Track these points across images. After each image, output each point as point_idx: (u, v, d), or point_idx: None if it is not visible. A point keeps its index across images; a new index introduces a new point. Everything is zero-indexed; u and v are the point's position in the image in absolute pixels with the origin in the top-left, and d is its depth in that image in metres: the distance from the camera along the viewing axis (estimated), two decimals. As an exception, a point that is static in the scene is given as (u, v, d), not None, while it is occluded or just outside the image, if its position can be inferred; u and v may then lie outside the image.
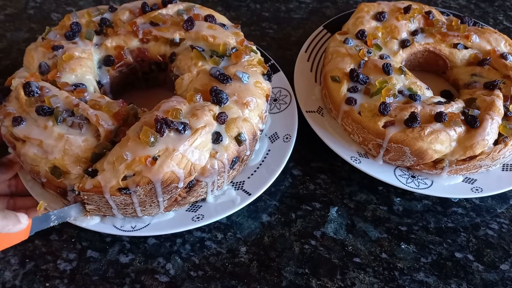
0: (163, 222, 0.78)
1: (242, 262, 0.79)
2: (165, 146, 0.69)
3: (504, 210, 0.89)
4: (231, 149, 0.77)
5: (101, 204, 0.73)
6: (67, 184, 0.71)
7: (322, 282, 0.78)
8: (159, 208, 0.77)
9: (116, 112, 0.75)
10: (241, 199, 0.81)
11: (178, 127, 0.70)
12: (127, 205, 0.73)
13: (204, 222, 0.77)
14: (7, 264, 0.77)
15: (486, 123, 0.82)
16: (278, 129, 0.92)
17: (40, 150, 0.71)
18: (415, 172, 0.89)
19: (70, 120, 0.72)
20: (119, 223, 0.77)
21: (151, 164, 0.68)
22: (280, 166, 0.85)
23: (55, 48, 0.83)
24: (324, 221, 0.86)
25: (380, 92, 0.87)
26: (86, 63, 0.84)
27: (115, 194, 0.70)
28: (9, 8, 1.26)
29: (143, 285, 0.76)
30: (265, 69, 0.88)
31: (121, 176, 0.68)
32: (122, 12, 0.92)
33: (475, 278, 0.79)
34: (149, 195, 0.72)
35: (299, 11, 1.32)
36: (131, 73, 0.94)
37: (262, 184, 0.83)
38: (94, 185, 0.69)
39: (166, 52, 0.90)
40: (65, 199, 0.75)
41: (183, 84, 0.84)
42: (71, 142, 0.70)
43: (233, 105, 0.79)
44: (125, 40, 0.89)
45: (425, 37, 1.01)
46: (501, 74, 0.95)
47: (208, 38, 0.87)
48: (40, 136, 0.71)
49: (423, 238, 0.84)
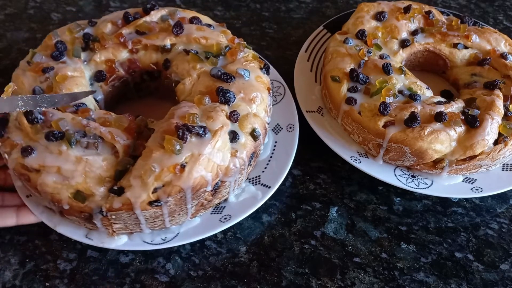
0: (192, 229, 0.78)
1: (242, 262, 0.79)
2: (190, 152, 0.69)
3: (504, 210, 0.89)
4: (248, 145, 0.77)
5: (129, 221, 0.72)
6: (93, 207, 0.68)
7: (322, 282, 0.78)
8: (187, 216, 0.76)
9: (127, 126, 0.73)
10: (262, 193, 0.82)
11: (198, 132, 0.70)
12: (156, 218, 0.72)
13: (232, 222, 0.78)
14: (7, 264, 0.77)
15: (486, 123, 0.82)
16: (280, 120, 0.93)
17: (59, 177, 0.68)
18: (415, 172, 0.89)
19: (85, 141, 0.69)
20: (149, 238, 0.76)
21: (180, 172, 0.68)
22: (291, 155, 0.86)
23: (45, 70, 0.79)
24: (324, 221, 0.86)
25: (380, 92, 0.87)
26: (81, 82, 0.81)
27: (145, 209, 0.68)
28: (9, 8, 1.26)
29: (143, 285, 0.76)
30: (261, 63, 0.88)
31: (151, 189, 0.67)
32: (104, 24, 0.88)
33: (475, 278, 0.79)
34: (178, 203, 0.71)
35: (299, 11, 1.32)
36: (123, 86, 0.91)
37: (278, 175, 0.84)
38: (123, 203, 0.67)
39: (159, 60, 0.89)
40: (90, 223, 0.72)
41: (185, 89, 0.83)
42: (91, 163, 0.68)
43: (241, 102, 0.79)
44: (113, 53, 0.86)
45: (425, 37, 1.01)
46: (501, 74, 0.95)
47: (200, 40, 0.86)
48: (57, 163, 0.68)
49: (423, 238, 0.84)
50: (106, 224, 0.72)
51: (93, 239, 0.75)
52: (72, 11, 1.27)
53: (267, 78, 0.87)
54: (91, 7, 1.28)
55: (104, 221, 0.71)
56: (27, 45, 1.16)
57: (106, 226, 0.73)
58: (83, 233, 0.75)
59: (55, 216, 0.76)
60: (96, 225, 0.72)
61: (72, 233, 0.75)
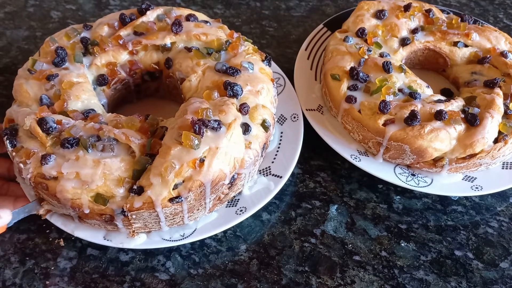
0: (210, 223, 0.78)
1: (242, 260, 0.79)
2: (208, 146, 0.69)
3: (504, 208, 0.90)
4: (260, 136, 0.78)
5: (149, 220, 0.72)
6: (114, 208, 0.69)
7: (322, 280, 0.78)
8: (205, 210, 0.77)
9: (141, 126, 0.74)
10: (275, 183, 0.83)
11: (214, 125, 0.71)
12: (176, 215, 0.73)
13: (248, 213, 0.79)
14: (7, 262, 0.77)
15: (486, 121, 0.82)
16: (283, 110, 0.94)
17: (78, 182, 0.68)
18: (415, 170, 0.89)
19: (100, 145, 0.69)
20: (167, 235, 0.77)
21: (199, 167, 0.68)
22: (299, 144, 0.88)
23: (50, 77, 0.78)
24: (324, 219, 0.86)
25: (380, 90, 0.87)
26: (86, 87, 0.80)
27: (166, 206, 0.69)
28: (9, 6, 1.26)
29: (143, 283, 0.76)
30: (262, 56, 0.89)
31: (171, 186, 0.68)
32: (100, 27, 0.88)
33: (475, 276, 0.80)
34: (198, 198, 0.72)
35: (299, 9, 1.32)
36: (124, 88, 0.92)
37: (288, 164, 0.85)
38: (144, 202, 0.68)
39: (160, 59, 0.89)
40: (111, 225, 0.73)
41: (192, 85, 0.83)
42: (109, 165, 0.68)
43: (248, 94, 0.80)
44: (114, 56, 0.86)
45: (425, 35, 1.01)
46: (501, 72, 0.95)
47: (200, 37, 0.87)
48: (75, 168, 0.67)
49: (422, 236, 0.84)
50: (126, 224, 0.72)
51: (112, 240, 0.75)
52: (71, 9, 1.26)
53: (269, 69, 0.88)
54: (90, 5, 1.28)
55: (124, 221, 0.71)
56: (27, 43, 1.16)
57: (127, 226, 0.73)
58: (102, 235, 0.76)
59: (72, 221, 0.76)
60: (118, 226, 0.72)
61: (91, 236, 0.75)
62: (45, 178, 0.69)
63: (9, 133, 0.73)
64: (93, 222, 0.73)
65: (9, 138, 0.73)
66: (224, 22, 1.11)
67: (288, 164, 0.85)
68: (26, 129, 0.72)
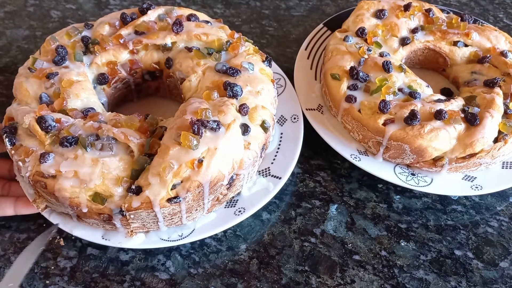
0: (208, 224, 0.78)
1: (242, 260, 0.79)
2: (206, 147, 0.69)
3: (504, 207, 0.90)
4: (260, 137, 0.78)
5: (147, 220, 0.72)
6: (113, 207, 0.69)
7: (321, 280, 0.78)
8: (203, 211, 0.76)
9: (140, 125, 0.74)
10: (274, 184, 0.83)
11: (212, 126, 0.71)
12: (174, 215, 0.73)
13: (247, 214, 0.79)
14: (7, 261, 0.77)
15: (486, 120, 0.82)
16: (283, 111, 0.94)
17: (77, 181, 0.67)
18: (414, 170, 0.89)
19: (99, 144, 0.69)
20: (165, 235, 0.77)
21: (198, 167, 0.68)
22: (298, 145, 0.88)
23: (50, 76, 0.78)
24: (324, 219, 0.86)
25: (380, 89, 0.87)
26: (86, 86, 0.80)
27: (164, 206, 0.69)
28: (9, 5, 1.26)
29: (143, 282, 0.76)
30: (263, 56, 0.89)
31: (170, 186, 0.68)
32: (101, 26, 0.88)
33: (475, 275, 0.80)
34: (196, 199, 0.72)
35: (299, 9, 1.32)
36: (124, 87, 0.92)
37: (287, 165, 0.85)
38: (142, 202, 0.68)
39: (160, 59, 0.89)
40: (109, 224, 0.73)
41: (192, 85, 0.83)
42: (108, 164, 0.68)
43: (248, 95, 0.80)
44: (115, 55, 0.85)
45: (425, 34, 1.01)
46: (501, 72, 0.95)
47: (201, 37, 0.87)
48: (73, 167, 0.67)
49: (422, 235, 0.84)
50: (124, 224, 0.72)
51: (110, 239, 0.75)
52: (71, 8, 1.26)
53: (270, 70, 0.88)
54: (90, 4, 1.28)
55: (123, 221, 0.71)
56: (26, 42, 1.16)
57: (125, 226, 0.73)
58: (100, 234, 0.75)
59: (70, 220, 0.76)
60: (116, 225, 0.72)
61: (89, 235, 0.75)
62: (44, 176, 0.69)
63: (9, 131, 0.73)
64: (91, 221, 0.73)
65: (8, 136, 0.72)
66: (224, 21, 1.12)
67: (287, 166, 0.85)
68: (25, 127, 0.72)
